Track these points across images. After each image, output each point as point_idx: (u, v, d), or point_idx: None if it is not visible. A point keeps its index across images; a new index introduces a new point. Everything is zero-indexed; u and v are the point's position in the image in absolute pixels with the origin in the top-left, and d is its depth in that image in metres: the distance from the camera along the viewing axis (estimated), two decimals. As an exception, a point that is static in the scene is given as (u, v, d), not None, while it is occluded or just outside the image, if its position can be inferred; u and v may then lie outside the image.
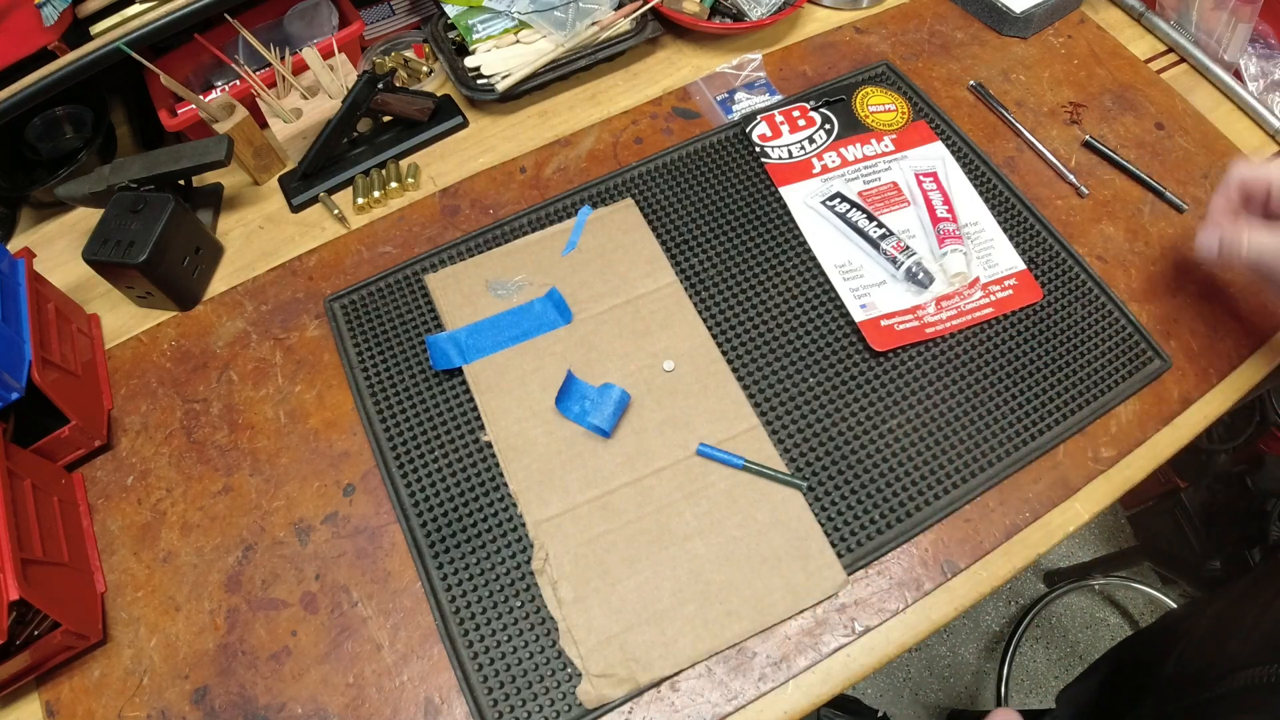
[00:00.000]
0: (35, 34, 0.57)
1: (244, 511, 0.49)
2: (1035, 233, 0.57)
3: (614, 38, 0.66)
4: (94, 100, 0.65)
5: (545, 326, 0.53)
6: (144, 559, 0.48)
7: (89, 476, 0.51)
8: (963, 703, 1.21)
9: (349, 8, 0.69)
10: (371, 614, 0.45)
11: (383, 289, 0.57)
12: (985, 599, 0.47)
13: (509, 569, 0.46)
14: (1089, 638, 1.26)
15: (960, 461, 0.48)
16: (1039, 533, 0.47)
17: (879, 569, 0.46)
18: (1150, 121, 0.65)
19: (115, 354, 0.56)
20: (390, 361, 0.53)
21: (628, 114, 0.66)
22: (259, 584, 0.46)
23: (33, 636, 0.42)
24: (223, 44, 0.64)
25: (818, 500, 0.47)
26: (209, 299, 0.58)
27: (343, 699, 0.43)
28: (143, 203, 0.53)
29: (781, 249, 0.57)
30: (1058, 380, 0.51)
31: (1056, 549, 1.01)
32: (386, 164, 0.63)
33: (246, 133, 0.60)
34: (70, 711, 0.43)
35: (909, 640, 0.44)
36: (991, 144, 0.63)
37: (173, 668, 0.44)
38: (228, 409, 0.53)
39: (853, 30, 0.71)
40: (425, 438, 0.50)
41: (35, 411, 0.48)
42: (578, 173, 0.63)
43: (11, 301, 0.49)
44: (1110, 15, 0.73)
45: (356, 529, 0.48)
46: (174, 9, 0.59)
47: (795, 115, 0.63)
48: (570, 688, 0.42)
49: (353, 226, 0.61)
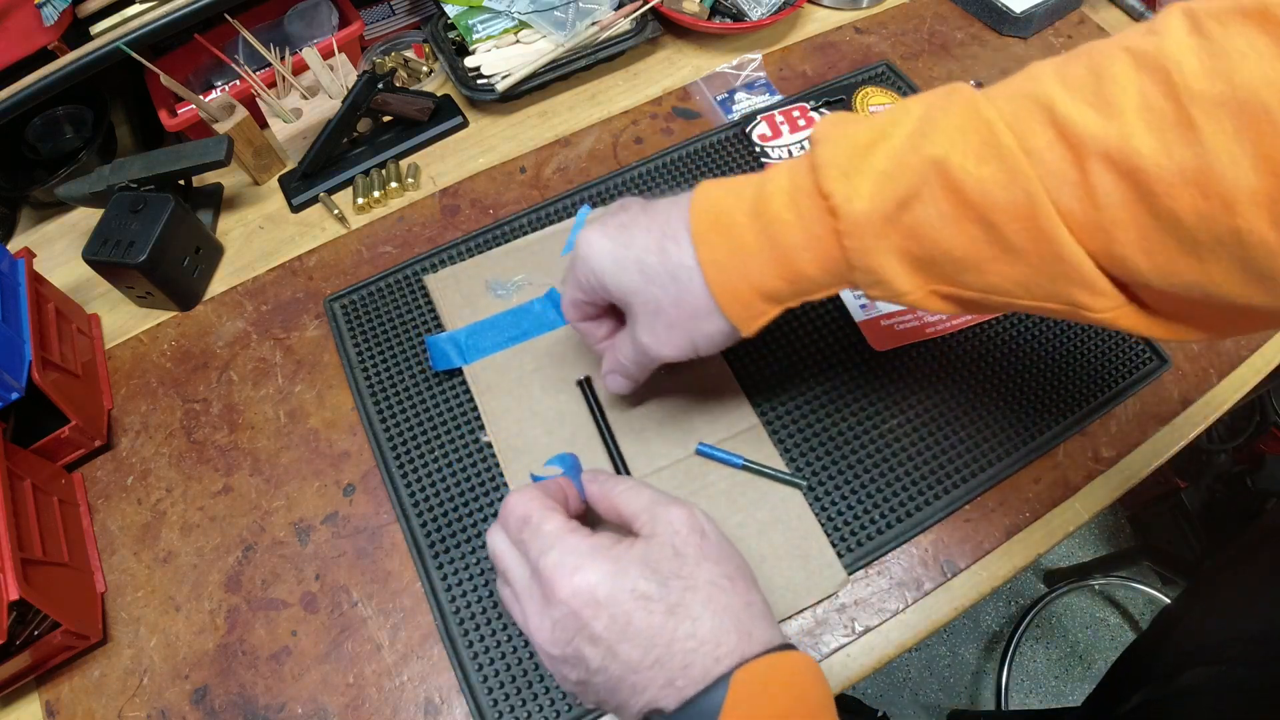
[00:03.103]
0: (35, 34, 0.57)
1: (244, 511, 0.49)
2: (1035, 233, 0.57)
3: (614, 38, 0.66)
4: (94, 100, 0.65)
5: (545, 326, 0.53)
6: (144, 559, 0.48)
7: (89, 476, 0.51)
8: (963, 703, 1.21)
9: (349, 8, 0.69)
10: (371, 614, 0.45)
11: (383, 289, 0.57)
12: (985, 599, 0.47)
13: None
14: (1089, 638, 1.27)
15: (960, 461, 0.48)
16: (1039, 533, 0.47)
17: (879, 569, 0.46)
18: (1150, 121, 0.65)
19: (115, 354, 0.56)
20: (390, 361, 0.53)
21: (628, 114, 0.66)
22: (259, 584, 0.46)
23: (33, 636, 0.42)
24: (223, 44, 0.64)
25: (818, 500, 0.47)
26: (209, 299, 0.58)
27: (343, 699, 0.43)
28: (143, 203, 0.53)
29: (781, 249, 0.57)
30: (1058, 380, 0.51)
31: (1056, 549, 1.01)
32: (386, 164, 0.63)
33: (246, 133, 0.60)
34: (70, 711, 0.43)
35: (909, 640, 0.44)
36: (991, 144, 0.63)
37: (173, 668, 0.44)
38: (228, 409, 0.53)
39: (853, 30, 0.71)
40: (425, 438, 0.50)
41: (35, 411, 0.48)
42: (578, 173, 0.63)
43: (11, 301, 0.49)
44: (1110, 15, 0.73)
45: (356, 529, 0.48)
46: (174, 9, 0.59)
47: (795, 115, 0.63)
48: (570, 688, 0.42)
49: (353, 226, 0.61)
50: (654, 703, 0.31)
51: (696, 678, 0.30)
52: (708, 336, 0.38)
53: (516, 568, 0.34)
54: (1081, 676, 1.24)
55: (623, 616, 0.31)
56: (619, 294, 0.38)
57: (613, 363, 0.43)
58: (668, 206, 0.38)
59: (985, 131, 0.29)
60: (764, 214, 0.34)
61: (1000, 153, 0.29)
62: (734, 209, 0.35)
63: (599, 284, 0.39)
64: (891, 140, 0.32)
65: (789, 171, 0.35)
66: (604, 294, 0.39)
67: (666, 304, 0.37)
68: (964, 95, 0.31)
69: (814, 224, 0.33)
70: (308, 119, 0.62)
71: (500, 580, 0.36)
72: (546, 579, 0.32)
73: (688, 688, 0.30)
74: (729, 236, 0.35)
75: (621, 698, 0.32)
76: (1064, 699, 1.22)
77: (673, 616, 0.31)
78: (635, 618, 0.31)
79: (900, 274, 0.33)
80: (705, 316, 0.37)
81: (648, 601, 0.31)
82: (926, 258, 0.32)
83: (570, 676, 0.33)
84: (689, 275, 0.36)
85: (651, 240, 0.37)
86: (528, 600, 0.33)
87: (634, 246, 0.37)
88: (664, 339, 0.38)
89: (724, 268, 0.35)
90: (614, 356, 0.43)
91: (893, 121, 0.32)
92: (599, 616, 0.31)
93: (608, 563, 0.32)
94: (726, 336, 0.38)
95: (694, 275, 0.36)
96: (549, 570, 0.32)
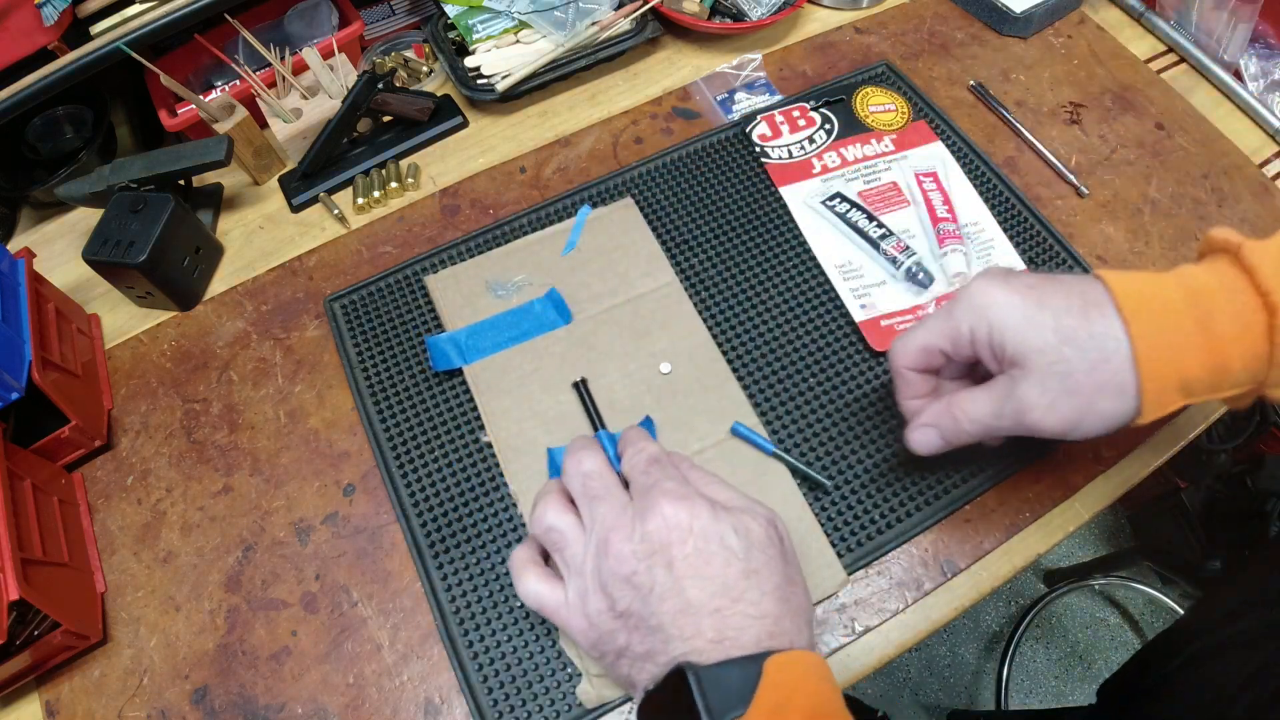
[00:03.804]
0: (35, 34, 0.57)
1: (244, 511, 0.49)
2: (1035, 233, 0.57)
3: (614, 38, 0.66)
4: (94, 100, 0.65)
5: (545, 327, 0.53)
6: (144, 559, 0.48)
7: (89, 476, 0.51)
8: (963, 703, 1.21)
9: (349, 8, 0.69)
10: (371, 614, 0.45)
11: (383, 289, 0.57)
12: (985, 599, 0.47)
13: (509, 568, 0.45)
14: (1089, 638, 1.27)
15: (960, 461, 0.48)
16: (1039, 533, 0.47)
17: (879, 569, 0.46)
18: (1150, 121, 0.65)
19: (115, 354, 0.56)
20: (390, 361, 0.53)
21: (628, 114, 0.66)
22: (259, 584, 0.46)
23: (33, 636, 0.42)
24: (223, 44, 0.64)
25: (818, 500, 0.47)
26: (209, 299, 0.58)
27: (343, 699, 0.43)
28: (143, 203, 0.53)
29: (781, 249, 0.57)
30: (1058, 380, 0.51)
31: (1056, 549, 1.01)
32: (386, 164, 0.63)
33: (246, 133, 0.60)
34: (70, 711, 0.43)
35: (909, 640, 0.44)
36: (991, 144, 0.63)
37: (173, 667, 0.44)
38: (228, 409, 0.53)
39: (853, 30, 0.71)
40: (425, 438, 0.50)
41: (35, 411, 0.48)
42: (578, 173, 0.63)
43: (11, 301, 0.49)
44: (1110, 15, 0.73)
45: (356, 529, 0.48)
46: (174, 9, 0.59)
47: (795, 115, 0.63)
48: (570, 688, 0.42)
49: (353, 226, 0.61)
50: (693, 654, 0.32)
51: (746, 644, 0.31)
52: (1100, 416, 0.36)
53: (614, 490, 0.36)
54: (1081, 676, 1.24)
55: (706, 554, 0.33)
56: (1017, 351, 0.36)
57: (944, 418, 0.40)
58: (1077, 280, 0.37)
59: None
60: (1201, 302, 0.34)
61: None
62: (1165, 292, 0.35)
63: (991, 336, 0.37)
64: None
65: (1209, 270, 0.35)
66: (989, 349, 0.38)
67: (1079, 369, 0.35)
68: None
69: (1250, 316, 0.34)
70: (308, 119, 0.62)
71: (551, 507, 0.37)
72: (655, 498, 0.34)
73: (733, 650, 0.31)
74: (1164, 317, 0.34)
75: (659, 641, 0.33)
76: (1064, 699, 1.22)
77: (746, 579, 0.33)
78: (715, 561, 0.33)
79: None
80: (1113, 394, 0.35)
81: (731, 554, 0.33)
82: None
83: (621, 603, 0.34)
84: (1115, 347, 0.35)
85: (1073, 303, 0.36)
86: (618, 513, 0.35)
87: (1049, 306, 0.36)
88: (1057, 406, 0.36)
89: (1156, 347, 0.34)
90: (950, 412, 0.40)
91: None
92: (685, 543, 0.33)
93: (709, 508, 0.35)
94: (1118, 421, 0.36)
95: (1121, 348, 0.34)
96: (659, 492, 0.35)
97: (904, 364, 0.41)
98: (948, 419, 0.40)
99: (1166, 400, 0.35)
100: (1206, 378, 0.34)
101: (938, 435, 0.41)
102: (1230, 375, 0.34)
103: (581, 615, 0.35)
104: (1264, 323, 0.33)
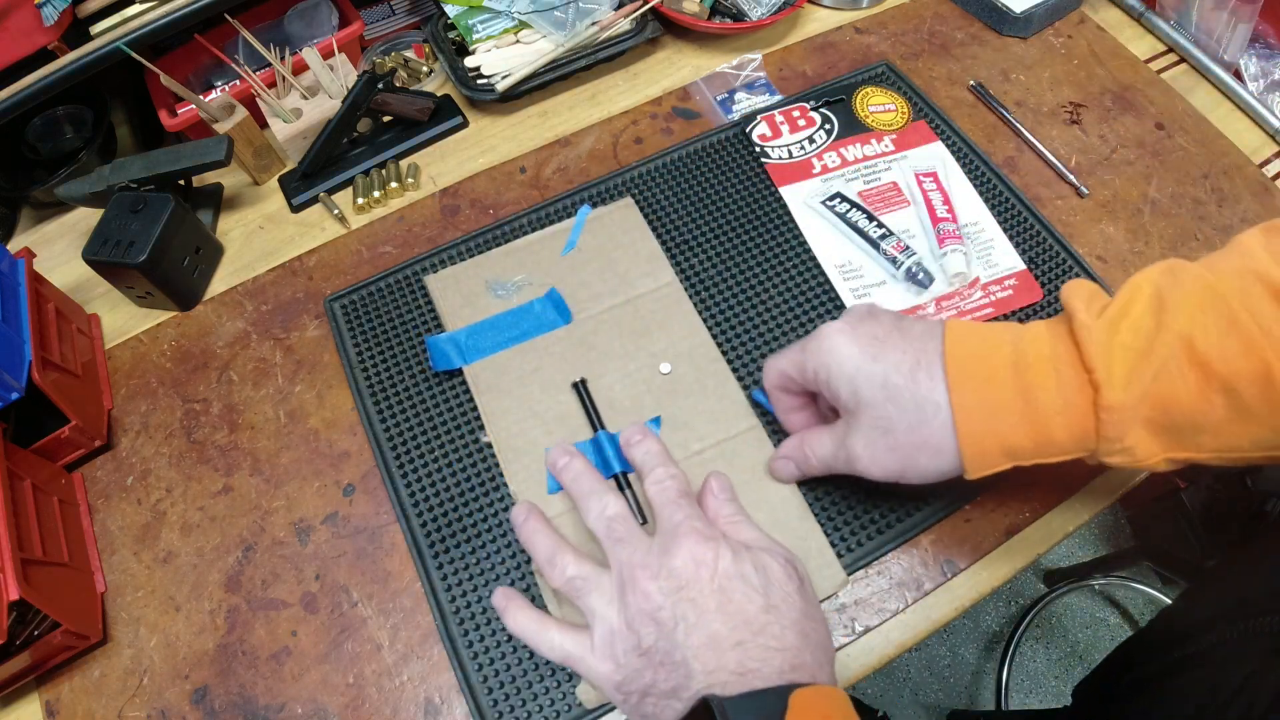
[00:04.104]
0: (35, 34, 0.57)
1: (244, 511, 0.49)
2: (1035, 233, 0.57)
3: (614, 38, 0.66)
4: (94, 100, 0.65)
5: (545, 327, 0.53)
6: (144, 559, 0.48)
7: (89, 476, 0.51)
8: (963, 703, 1.21)
9: (349, 8, 0.69)
10: (371, 614, 0.45)
11: (383, 289, 0.57)
12: (985, 599, 0.47)
13: (509, 569, 0.46)
14: (1089, 638, 1.27)
15: (960, 461, 0.48)
16: (1039, 533, 0.47)
17: (879, 569, 0.46)
18: (1150, 121, 0.65)
19: (115, 354, 0.56)
20: (390, 362, 0.53)
21: (628, 114, 0.66)
22: (259, 584, 0.46)
23: (33, 636, 0.42)
24: (223, 44, 0.64)
25: (818, 500, 0.47)
26: (209, 299, 0.58)
27: (343, 699, 0.43)
28: (143, 203, 0.53)
29: (781, 249, 0.57)
30: (1058, 380, 0.51)
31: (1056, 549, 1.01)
32: (386, 164, 0.63)
33: (246, 133, 0.60)
34: (70, 711, 0.43)
35: (909, 640, 0.44)
36: (991, 144, 0.63)
37: (173, 668, 0.44)
38: (228, 409, 0.53)
39: (853, 30, 0.71)
40: (425, 438, 0.50)
41: (35, 411, 0.48)
42: (578, 173, 0.63)
43: (11, 301, 0.49)
44: (1110, 15, 0.73)
45: (356, 529, 0.48)
46: (174, 9, 0.59)
47: (795, 115, 0.63)
48: (570, 688, 0.42)
49: (353, 226, 0.61)
50: (717, 686, 0.32)
51: (769, 675, 0.32)
52: (921, 471, 0.38)
53: (637, 533, 0.37)
54: (1081, 676, 1.23)
55: (728, 590, 0.34)
56: (848, 401, 0.39)
57: (796, 453, 0.44)
58: (923, 333, 0.38)
59: (1223, 307, 0.33)
60: (1025, 374, 0.35)
61: (1238, 327, 0.32)
62: (993, 359, 0.36)
63: (827, 383, 0.39)
64: (1131, 316, 0.34)
65: (1049, 336, 0.36)
66: (826, 393, 0.40)
67: (899, 428, 0.37)
68: (1191, 273, 0.35)
69: (1074, 393, 0.34)
70: (308, 119, 0.62)
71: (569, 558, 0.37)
72: (680, 537, 0.35)
73: (756, 681, 0.31)
74: (987, 386, 0.36)
75: (683, 676, 0.33)
76: (1064, 699, 1.22)
77: (767, 613, 0.33)
78: (736, 596, 0.33)
79: (1144, 442, 0.34)
80: (934, 453, 0.37)
81: (752, 589, 0.34)
82: (1171, 426, 0.34)
83: (646, 640, 0.34)
84: (935, 411, 0.36)
85: (905, 362, 0.37)
86: (644, 553, 0.35)
87: (883, 361, 0.37)
88: (879, 459, 0.38)
89: (975, 416, 0.36)
90: (801, 449, 0.43)
91: (1129, 298, 0.35)
92: (709, 580, 0.34)
93: (731, 547, 0.35)
94: (942, 475, 0.38)
95: (940, 412, 0.36)
96: (685, 530, 0.35)
97: (768, 383, 0.45)
98: (800, 454, 0.43)
99: (989, 462, 0.36)
100: (1030, 446, 0.35)
101: (794, 467, 0.45)
102: (1056, 444, 0.35)
103: (608, 657, 0.35)
104: (1089, 399, 0.34)
